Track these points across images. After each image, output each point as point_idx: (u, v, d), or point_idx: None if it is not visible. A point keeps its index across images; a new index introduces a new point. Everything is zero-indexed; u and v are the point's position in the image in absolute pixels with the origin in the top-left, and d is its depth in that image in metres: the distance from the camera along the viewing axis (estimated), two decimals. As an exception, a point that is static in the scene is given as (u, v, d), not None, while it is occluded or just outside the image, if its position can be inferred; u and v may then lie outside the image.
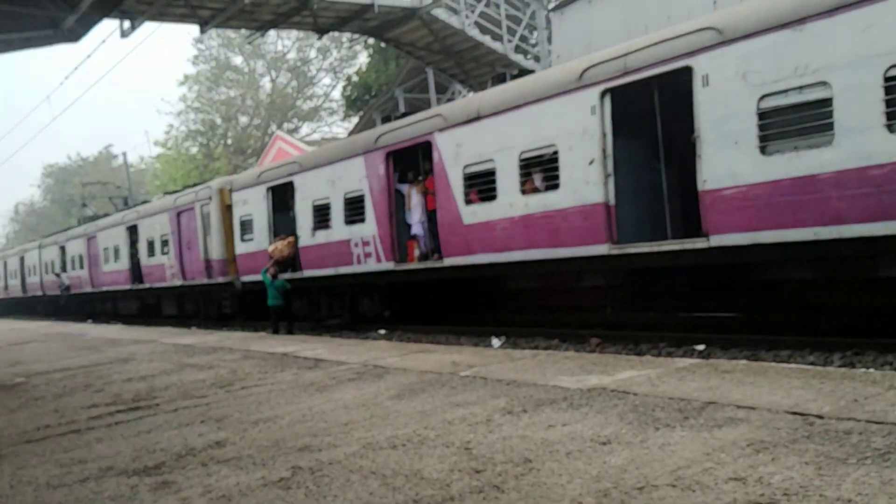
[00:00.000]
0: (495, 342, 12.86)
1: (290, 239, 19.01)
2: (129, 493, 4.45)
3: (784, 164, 9.70)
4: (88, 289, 34.16)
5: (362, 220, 16.80)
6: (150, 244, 27.36)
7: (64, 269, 37.89)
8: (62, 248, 37.81)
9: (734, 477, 3.65)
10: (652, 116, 12.07)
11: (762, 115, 9.94)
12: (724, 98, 10.30)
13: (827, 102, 9.27)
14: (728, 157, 10.31)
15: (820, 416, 4.56)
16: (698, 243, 10.83)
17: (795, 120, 9.65)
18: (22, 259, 45.32)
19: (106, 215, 35.12)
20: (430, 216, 15.60)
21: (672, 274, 12.70)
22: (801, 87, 9.50)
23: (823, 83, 9.27)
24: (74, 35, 17.52)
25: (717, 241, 10.54)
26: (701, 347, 10.80)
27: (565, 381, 6.53)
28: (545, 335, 13.40)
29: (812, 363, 9.06)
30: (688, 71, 10.74)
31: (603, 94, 11.83)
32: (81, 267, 34.81)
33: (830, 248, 9.52)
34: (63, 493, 4.59)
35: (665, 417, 4.91)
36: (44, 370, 11.69)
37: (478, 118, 14.03)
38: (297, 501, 3.98)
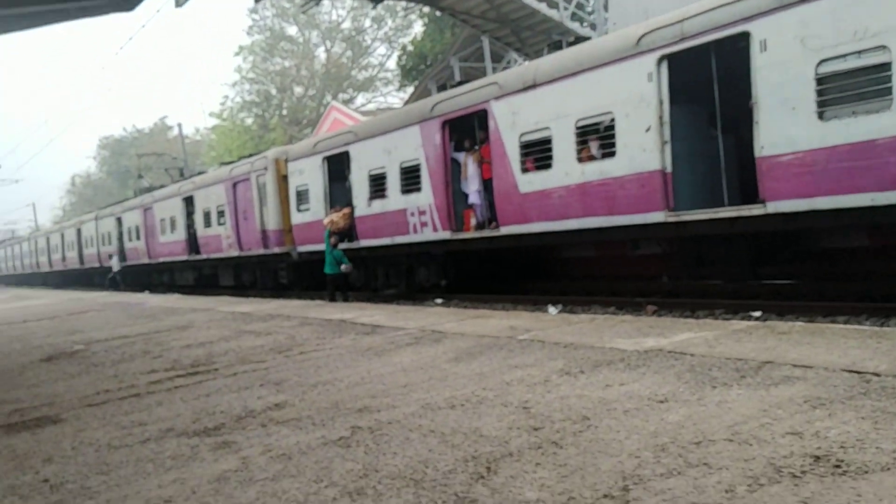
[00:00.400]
0: (552, 310, 12.89)
1: (346, 210, 19.08)
2: (190, 452, 4.50)
3: (842, 130, 9.58)
4: (145, 260, 34.58)
5: (418, 190, 16.87)
6: (207, 215, 27.60)
7: (121, 255, 37.78)
8: (119, 220, 38.16)
9: (791, 431, 3.69)
10: (709, 83, 11.94)
11: (820, 80, 9.81)
12: (782, 63, 10.17)
13: (886, 67, 9.13)
14: (785, 123, 10.19)
15: (876, 374, 4.57)
16: (755, 210, 10.75)
17: (854, 85, 9.51)
18: (79, 231, 45.71)
19: (162, 186, 35.41)
20: (486, 185, 15.62)
21: (729, 241, 12.61)
22: (859, 52, 9.35)
23: (883, 47, 9.12)
24: (129, 4, 17.62)
25: (773, 207, 10.45)
26: (758, 314, 10.74)
27: (622, 344, 6.57)
28: (601, 303, 13.41)
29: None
30: (745, 36, 10.61)
31: (660, 61, 11.74)
32: (138, 238, 35.13)
33: (888, 214, 9.39)
34: (124, 453, 4.65)
35: (722, 376, 4.93)
36: (103, 338, 11.86)
37: (534, 86, 14.00)
38: (356, 458, 4.04)
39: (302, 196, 21.52)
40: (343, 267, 17.20)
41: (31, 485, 4.22)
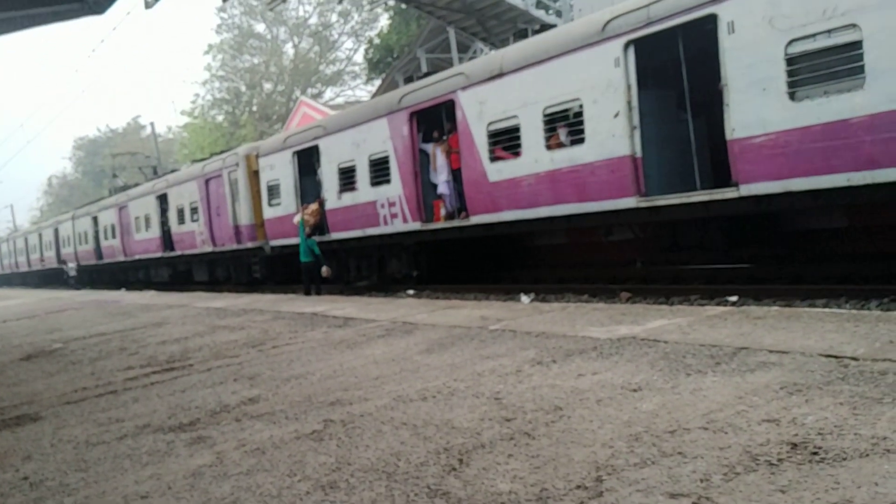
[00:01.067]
0: (524, 299, 12.84)
1: (314, 207, 19.00)
2: (166, 448, 4.52)
3: (814, 110, 9.54)
4: (121, 258, 34.52)
5: (388, 182, 16.79)
6: (180, 212, 27.57)
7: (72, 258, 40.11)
8: (94, 219, 38.21)
9: (767, 419, 3.62)
10: (677, 66, 11.92)
11: (790, 60, 9.77)
12: (751, 45, 10.13)
13: (857, 45, 9.09)
14: (756, 105, 10.16)
15: (854, 359, 4.50)
16: (728, 193, 10.72)
17: (825, 64, 9.48)
18: (56, 231, 45.91)
19: (136, 185, 35.43)
20: (456, 175, 15.55)
21: (702, 225, 12.60)
22: (829, 31, 9.31)
23: (853, 25, 9.08)
24: (100, 7, 17.60)
25: (747, 190, 10.43)
26: (734, 299, 10.71)
27: (595, 332, 6.50)
28: (574, 291, 13.37)
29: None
30: (713, 19, 10.57)
31: (626, 46, 11.68)
32: (114, 236, 35.16)
33: (864, 194, 9.38)
34: (102, 450, 4.67)
35: (696, 364, 4.87)
36: (80, 336, 11.84)
37: (500, 75, 13.92)
38: (329, 452, 4.01)
39: (273, 191, 21.43)
40: (323, 270, 17.13)
41: (10, 482, 4.26)
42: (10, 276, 62.37)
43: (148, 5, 20.58)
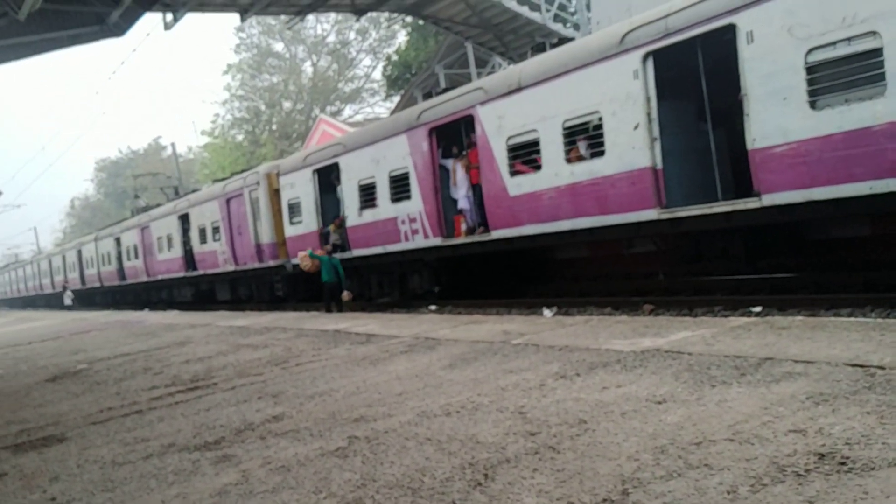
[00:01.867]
0: (546, 313, 12.80)
1: (303, 254, 18.94)
2: (191, 467, 4.54)
3: (835, 118, 9.48)
4: (144, 278, 34.66)
5: (408, 198, 16.80)
6: (202, 231, 27.67)
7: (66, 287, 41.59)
8: (117, 240, 38.40)
9: (793, 429, 3.59)
10: (696, 77, 11.88)
11: (810, 69, 9.71)
12: (771, 54, 10.08)
13: (877, 52, 9.01)
14: (777, 114, 10.10)
15: (881, 367, 4.46)
16: (750, 203, 10.66)
17: (845, 72, 9.40)
18: (79, 252, 46.18)
19: (158, 205, 35.60)
20: (476, 190, 15.55)
21: (725, 236, 12.53)
22: (849, 39, 9.25)
23: (873, 33, 9.02)
24: (119, 29, 17.83)
25: (769, 200, 10.36)
26: (758, 309, 10.63)
27: (618, 345, 6.48)
28: (597, 304, 13.31)
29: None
30: (731, 28, 10.54)
31: (645, 58, 11.66)
32: (136, 257, 35.31)
33: (887, 202, 9.29)
34: (128, 469, 4.70)
35: (721, 375, 4.84)
36: (105, 356, 11.91)
37: (519, 89, 13.93)
38: (354, 468, 4.02)
39: (294, 209, 21.48)
40: (344, 294, 17.23)
41: (38, 503, 4.31)
42: (35, 298, 62.84)
43: (167, 26, 20.76)
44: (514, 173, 14.12)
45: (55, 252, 57.51)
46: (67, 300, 40.02)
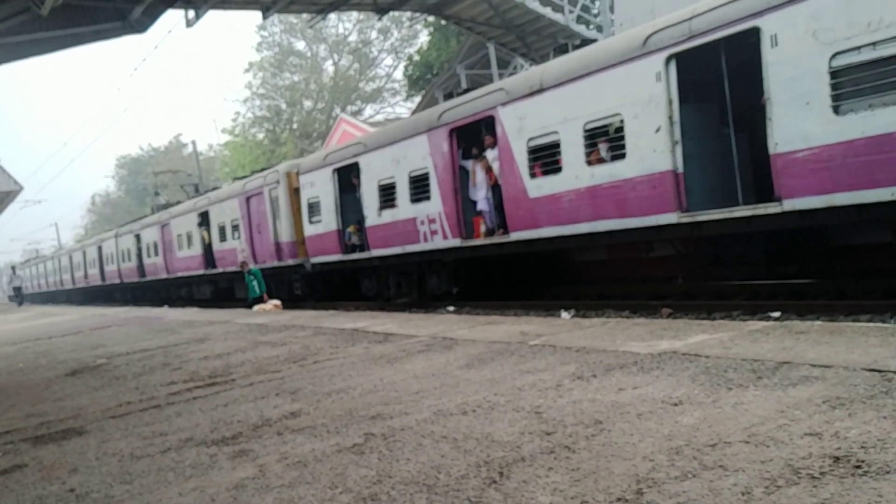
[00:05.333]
0: (564, 314, 12.79)
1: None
2: (209, 461, 4.56)
3: (858, 124, 9.44)
4: (163, 275, 34.89)
5: (428, 198, 16.84)
6: (222, 229, 27.81)
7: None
8: (137, 237, 38.64)
9: (809, 432, 3.58)
10: (719, 80, 11.86)
11: (834, 73, 9.68)
12: (794, 58, 10.05)
13: (903, 58, 9.00)
14: (799, 119, 10.07)
15: (899, 373, 4.45)
16: (771, 208, 10.63)
17: (869, 77, 9.37)
18: (100, 248, 46.47)
19: (178, 203, 35.80)
20: (495, 191, 15.56)
21: (745, 241, 12.49)
22: (874, 44, 9.21)
23: (898, 37, 8.99)
24: (141, 26, 17.97)
25: (790, 205, 10.32)
26: (776, 314, 10.59)
27: (635, 347, 6.46)
28: (615, 307, 13.30)
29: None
30: (755, 32, 10.51)
31: (668, 60, 11.65)
32: (156, 254, 35.52)
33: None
34: (146, 463, 4.72)
35: (738, 378, 4.83)
36: (124, 351, 11.96)
37: (540, 90, 13.93)
38: (370, 465, 4.02)
39: (314, 208, 21.57)
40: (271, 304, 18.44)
41: (57, 495, 4.32)
42: (55, 294, 63.28)
43: (189, 24, 20.90)
44: (533, 175, 14.13)
45: (75, 248, 57.92)
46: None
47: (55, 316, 31.34)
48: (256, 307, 19.16)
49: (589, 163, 13.03)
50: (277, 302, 19.45)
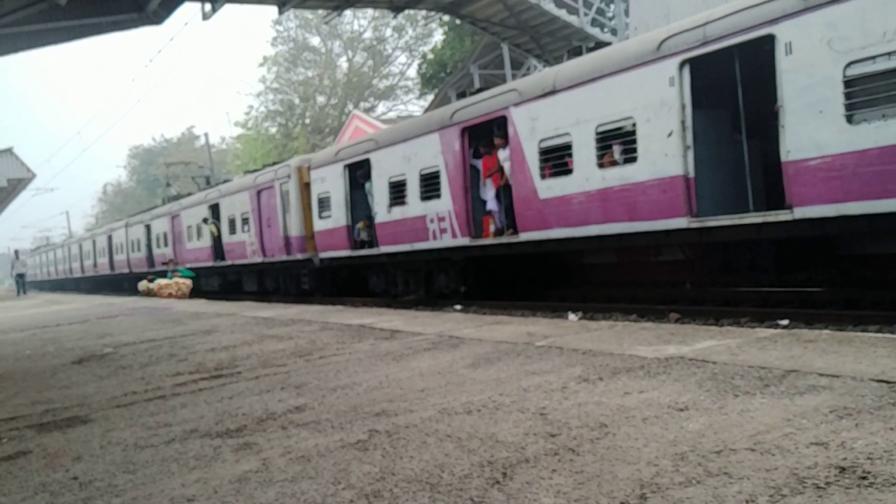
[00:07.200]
0: (571, 316, 12.78)
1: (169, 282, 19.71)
2: (213, 453, 4.56)
3: (872, 133, 9.40)
4: (173, 267, 34.89)
5: (438, 196, 16.84)
6: (232, 222, 27.86)
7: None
8: (147, 227, 38.76)
9: (815, 442, 3.57)
10: (733, 87, 11.82)
11: (848, 82, 9.64)
12: (809, 66, 10.02)
13: (918, 69, 8.96)
14: (812, 127, 10.03)
15: (907, 384, 4.43)
16: (781, 216, 10.59)
17: (884, 87, 9.33)
18: (110, 237, 46.62)
19: (189, 194, 35.87)
20: (505, 191, 15.55)
21: (754, 248, 12.45)
22: (889, 53, 9.18)
23: (915, 49, 8.96)
24: (158, 17, 18.03)
25: (801, 213, 10.29)
26: (785, 322, 10.55)
27: (642, 351, 6.45)
28: (623, 310, 13.27)
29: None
30: (770, 39, 10.48)
31: (682, 65, 11.62)
32: (166, 245, 35.61)
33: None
34: (149, 453, 4.72)
35: (744, 385, 4.81)
36: (131, 341, 11.98)
37: (553, 92, 13.91)
38: (373, 461, 4.02)
39: (324, 203, 21.59)
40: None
41: (61, 482, 4.32)
42: (65, 282, 63.50)
43: (206, 16, 20.93)
44: (544, 176, 14.11)
45: (85, 237, 58.12)
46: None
47: (63, 304, 31.42)
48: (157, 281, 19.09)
49: (600, 165, 13.01)
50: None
